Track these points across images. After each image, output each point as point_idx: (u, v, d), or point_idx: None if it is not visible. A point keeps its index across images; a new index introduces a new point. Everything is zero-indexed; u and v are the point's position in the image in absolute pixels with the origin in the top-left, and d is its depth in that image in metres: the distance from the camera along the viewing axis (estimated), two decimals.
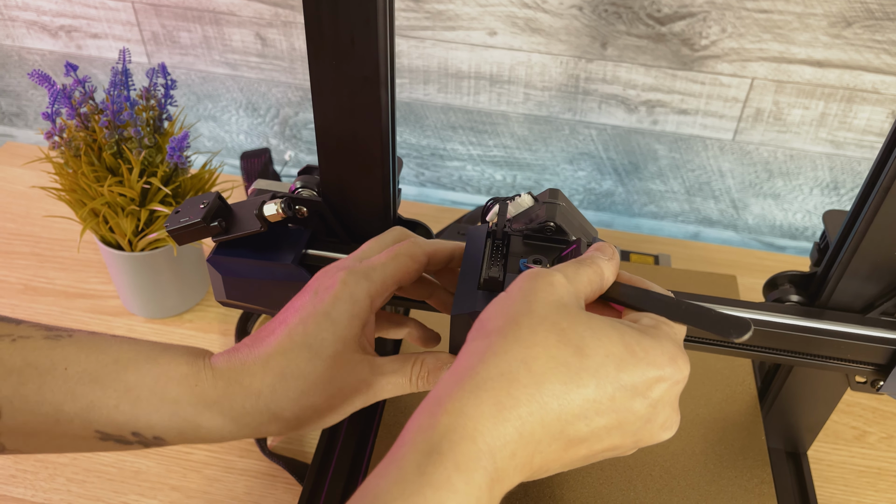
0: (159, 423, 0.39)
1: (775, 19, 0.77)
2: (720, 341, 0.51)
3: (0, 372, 0.37)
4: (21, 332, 0.39)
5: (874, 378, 0.52)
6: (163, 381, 0.39)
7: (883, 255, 0.48)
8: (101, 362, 0.39)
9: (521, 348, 0.33)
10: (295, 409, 0.40)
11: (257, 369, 0.40)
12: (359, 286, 0.42)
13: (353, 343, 0.41)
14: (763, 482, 0.58)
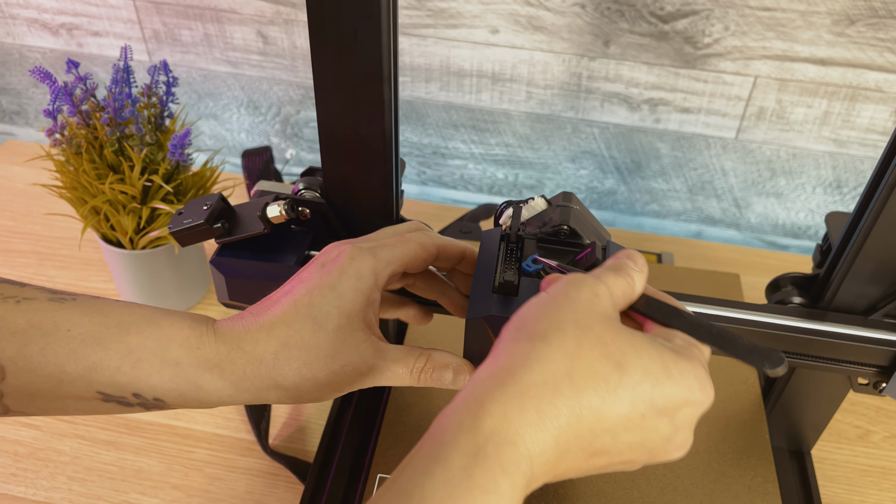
0: (160, 385, 0.39)
1: (778, 17, 0.77)
2: None
3: (4, 333, 0.38)
4: (26, 294, 0.39)
5: (877, 380, 0.52)
6: (164, 342, 0.39)
7: (886, 257, 0.48)
8: (104, 325, 0.39)
9: (565, 358, 0.33)
10: (295, 380, 0.40)
11: (261, 336, 0.40)
12: (365, 262, 0.42)
13: (357, 319, 0.41)
14: (767, 481, 0.58)
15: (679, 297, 0.51)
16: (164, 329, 0.40)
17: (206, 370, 0.40)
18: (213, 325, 0.41)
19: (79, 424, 0.68)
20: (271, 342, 0.40)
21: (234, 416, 0.69)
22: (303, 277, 0.42)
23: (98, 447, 0.66)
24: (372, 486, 0.58)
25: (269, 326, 0.40)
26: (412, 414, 0.62)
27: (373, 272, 0.42)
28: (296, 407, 0.70)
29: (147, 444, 0.67)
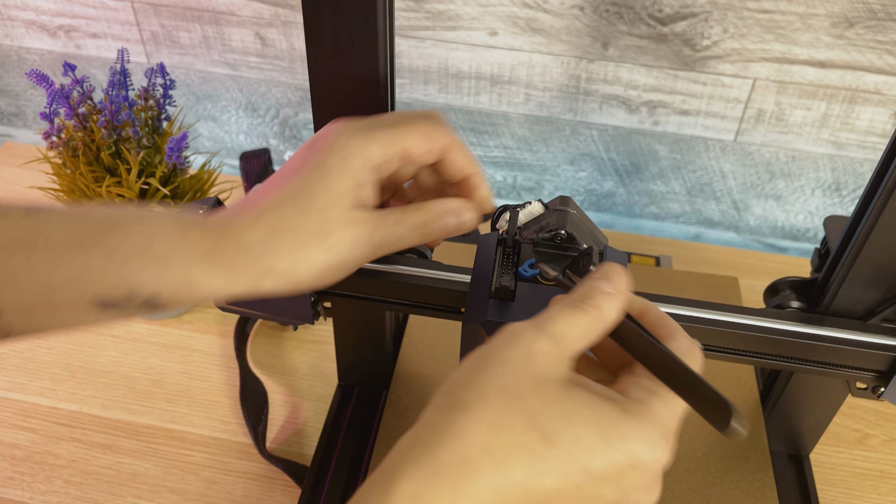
0: (151, 282, 0.38)
1: (777, 20, 0.77)
2: (721, 347, 0.51)
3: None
4: (2, 212, 0.38)
5: (875, 384, 0.51)
6: (148, 237, 0.38)
7: (885, 261, 0.48)
8: (83, 228, 0.37)
9: (485, 432, 0.30)
10: (287, 264, 0.38)
11: (248, 222, 0.39)
12: (354, 140, 0.40)
13: (346, 198, 0.39)
14: (765, 485, 0.58)
15: (677, 302, 0.50)
16: (145, 224, 0.38)
17: (195, 262, 0.38)
18: (200, 219, 0.39)
19: (76, 427, 0.68)
20: (259, 228, 0.38)
21: (232, 419, 0.69)
22: (291, 158, 0.41)
23: (95, 450, 0.66)
24: None
25: (256, 212, 0.39)
26: (409, 417, 0.62)
27: (362, 151, 0.39)
28: (293, 411, 0.70)
29: (144, 448, 0.67)
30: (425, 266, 0.52)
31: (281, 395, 0.72)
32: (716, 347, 0.51)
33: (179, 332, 0.77)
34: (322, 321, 0.77)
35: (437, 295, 0.52)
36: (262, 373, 0.73)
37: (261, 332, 0.77)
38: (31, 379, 0.72)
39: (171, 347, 0.75)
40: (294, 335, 0.77)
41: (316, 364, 0.74)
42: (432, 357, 0.67)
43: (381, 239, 0.40)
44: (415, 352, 0.68)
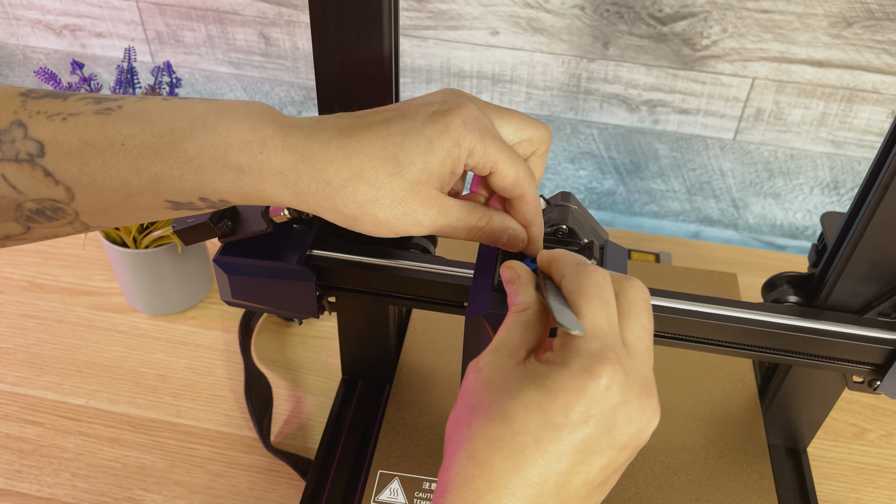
0: (223, 189, 0.38)
1: (776, 19, 0.78)
2: (719, 341, 0.52)
3: (60, 154, 0.37)
4: (70, 108, 0.38)
5: (871, 378, 0.52)
6: (223, 148, 0.37)
7: (880, 256, 0.49)
8: (156, 133, 0.37)
9: (465, 446, 0.34)
10: (356, 211, 0.39)
11: (336, 158, 0.38)
12: (472, 133, 0.39)
13: (435, 179, 0.39)
14: (763, 478, 0.59)
15: (676, 296, 0.51)
16: (220, 133, 0.37)
17: (269, 176, 0.38)
18: (281, 129, 0.38)
19: (82, 422, 0.69)
20: (344, 168, 0.38)
21: (237, 413, 0.70)
22: (407, 112, 0.40)
23: (101, 444, 0.67)
24: (373, 483, 0.58)
25: (348, 151, 0.38)
26: (413, 411, 0.63)
27: (472, 147, 0.39)
28: (297, 405, 0.71)
29: (150, 441, 0.67)
30: (428, 261, 0.53)
31: (285, 390, 0.72)
32: (714, 341, 0.52)
33: (184, 328, 0.78)
34: (326, 316, 0.78)
35: (441, 289, 0.53)
36: (267, 368, 0.74)
37: (265, 327, 0.78)
38: (38, 374, 0.73)
39: (177, 343, 0.76)
40: (298, 331, 0.78)
41: (320, 359, 0.75)
42: (435, 351, 0.68)
43: (441, 226, 0.41)
44: (418, 346, 0.69)
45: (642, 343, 0.36)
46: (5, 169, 0.37)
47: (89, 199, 0.38)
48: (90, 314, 0.79)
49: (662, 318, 0.51)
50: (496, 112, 0.42)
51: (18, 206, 0.38)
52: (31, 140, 0.37)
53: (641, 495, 0.57)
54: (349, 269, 0.53)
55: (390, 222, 0.39)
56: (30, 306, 0.79)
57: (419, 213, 0.39)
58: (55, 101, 0.38)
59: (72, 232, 0.41)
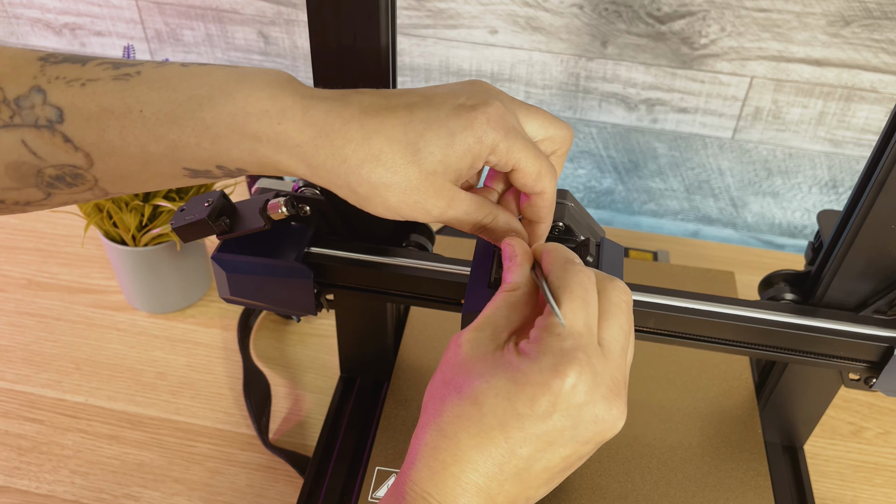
0: (241, 158, 0.38)
1: (774, 18, 0.78)
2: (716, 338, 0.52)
3: (79, 120, 0.37)
4: (88, 74, 0.38)
5: (867, 375, 0.52)
6: (241, 118, 0.37)
7: (876, 254, 0.49)
8: (175, 101, 0.37)
9: (436, 419, 0.36)
10: (368, 192, 0.39)
11: (356, 136, 0.38)
12: (496, 131, 0.39)
13: (451, 172, 0.39)
14: (759, 475, 0.59)
15: (673, 294, 0.52)
16: (238, 102, 0.37)
17: (286, 148, 0.38)
18: (302, 99, 0.38)
19: (81, 419, 0.69)
20: (363, 148, 0.38)
21: (235, 410, 0.70)
22: (432, 100, 0.39)
23: (100, 441, 0.67)
24: (370, 480, 0.58)
25: (369, 131, 0.38)
26: (410, 409, 0.63)
27: (494, 146, 0.39)
28: (296, 402, 0.71)
29: (148, 439, 0.68)
30: (426, 259, 0.54)
31: (283, 388, 0.73)
32: (711, 339, 0.52)
33: (183, 326, 0.78)
34: (324, 315, 0.79)
35: (438, 287, 0.53)
36: (265, 366, 0.74)
37: (263, 325, 0.78)
38: (37, 371, 0.73)
39: (175, 341, 0.76)
40: (296, 329, 0.78)
41: (318, 357, 0.75)
42: (433, 349, 0.68)
43: (448, 217, 0.41)
44: (416, 343, 0.69)
45: (618, 344, 0.37)
46: (25, 135, 0.37)
47: (108, 166, 0.39)
48: (89, 312, 0.79)
49: (659, 316, 0.51)
50: (522, 109, 0.42)
51: (39, 171, 0.39)
52: (50, 106, 0.37)
53: (638, 492, 0.58)
54: (347, 266, 0.53)
55: (400, 207, 0.40)
56: (29, 304, 0.79)
57: (429, 203, 0.40)
58: (74, 66, 0.38)
59: (91, 198, 0.41)
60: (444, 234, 0.83)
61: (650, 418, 0.62)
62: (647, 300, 0.51)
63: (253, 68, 0.39)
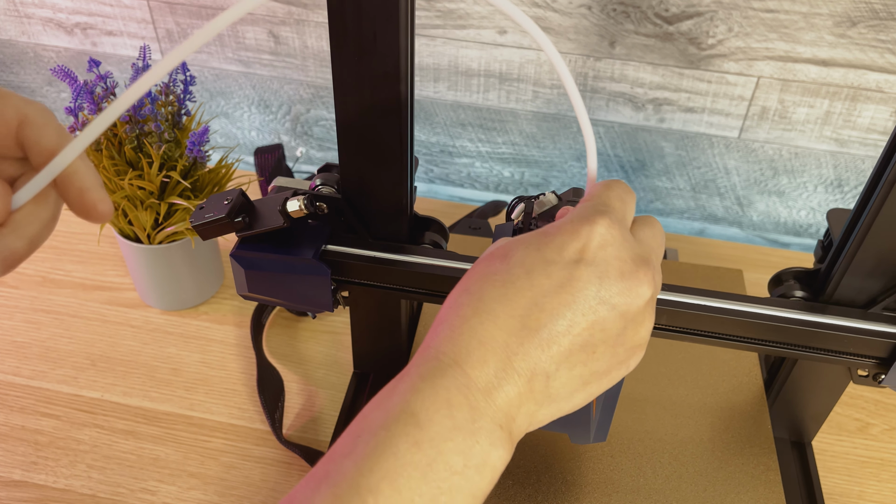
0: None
1: (781, 19, 0.79)
2: (726, 335, 0.53)
3: None
4: None
5: (876, 371, 0.53)
6: None
7: (886, 252, 0.50)
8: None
9: (462, 283, 0.36)
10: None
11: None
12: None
13: None
14: (769, 470, 0.60)
15: (683, 291, 0.52)
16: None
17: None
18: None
19: (97, 414, 0.70)
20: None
21: (249, 406, 0.71)
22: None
23: (116, 436, 0.68)
24: None
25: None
26: None
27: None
28: (309, 398, 0.72)
29: (164, 434, 0.68)
30: (440, 256, 0.54)
31: (297, 384, 0.73)
32: (721, 335, 0.53)
33: (197, 323, 0.79)
34: (337, 311, 0.79)
35: (452, 284, 0.53)
36: (278, 362, 0.75)
37: (276, 322, 0.79)
38: (53, 367, 0.74)
39: (189, 337, 0.77)
40: (309, 325, 0.79)
41: (331, 353, 0.76)
42: None
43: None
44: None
45: (648, 242, 0.38)
46: None
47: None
48: (104, 309, 0.80)
49: (670, 313, 0.52)
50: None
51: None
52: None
53: (650, 486, 0.58)
54: (363, 263, 0.54)
55: None
56: (44, 301, 0.80)
57: None
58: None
59: None
60: (457, 231, 0.84)
61: (661, 414, 0.63)
62: (660, 297, 0.52)
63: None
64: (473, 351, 0.33)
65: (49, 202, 0.34)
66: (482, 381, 0.33)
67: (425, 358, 0.34)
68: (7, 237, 0.31)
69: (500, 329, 0.33)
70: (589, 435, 0.50)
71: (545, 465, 0.60)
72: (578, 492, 0.58)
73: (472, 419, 0.32)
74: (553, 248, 0.34)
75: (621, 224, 0.36)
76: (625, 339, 0.36)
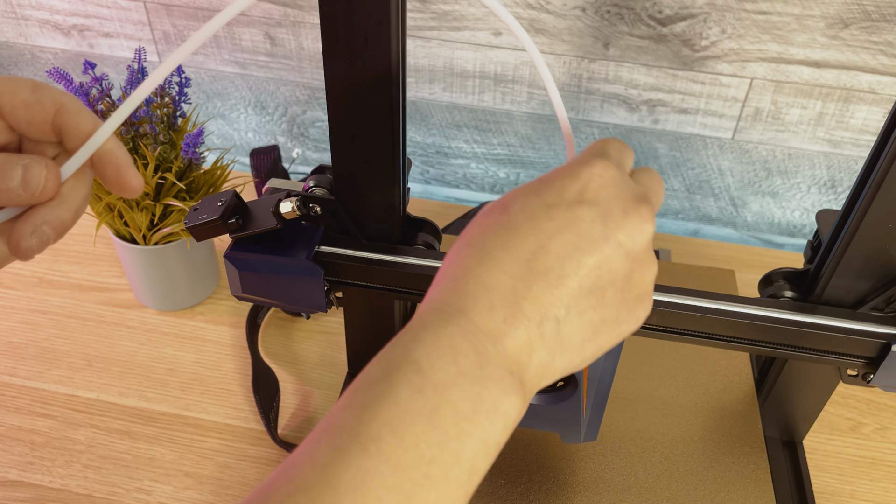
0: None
1: (774, 21, 0.79)
2: (717, 335, 0.53)
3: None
4: None
5: (865, 371, 0.54)
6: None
7: (873, 252, 0.50)
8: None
9: (462, 237, 0.35)
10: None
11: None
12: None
13: None
14: (759, 468, 0.60)
15: (675, 291, 0.53)
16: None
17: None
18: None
19: (93, 414, 0.70)
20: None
21: (244, 406, 0.71)
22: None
23: (112, 436, 0.68)
24: None
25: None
26: None
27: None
28: (304, 398, 0.72)
29: (159, 434, 0.69)
30: (433, 257, 0.55)
31: (292, 384, 0.74)
32: (710, 335, 0.53)
33: (192, 323, 0.79)
34: (332, 312, 0.80)
35: None
36: (273, 362, 0.76)
37: (272, 322, 0.80)
38: (49, 368, 0.74)
39: (185, 338, 0.78)
40: (304, 326, 0.79)
41: (326, 354, 0.77)
42: None
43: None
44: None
45: (647, 185, 0.38)
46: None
47: None
48: (100, 310, 0.80)
49: (662, 313, 0.52)
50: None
51: None
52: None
53: (641, 485, 0.59)
54: (356, 264, 0.55)
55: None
56: (41, 302, 0.80)
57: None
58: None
59: None
60: (451, 232, 0.84)
61: (653, 413, 0.64)
62: None
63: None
64: (480, 298, 0.32)
65: (87, 178, 0.38)
66: (490, 327, 0.32)
67: (427, 310, 0.33)
68: (57, 208, 0.36)
69: (507, 274, 0.32)
70: (579, 434, 0.51)
71: (537, 463, 0.60)
72: (570, 490, 0.58)
73: (480, 365, 0.31)
74: (553, 192, 0.34)
75: (619, 166, 0.36)
76: (632, 283, 0.35)
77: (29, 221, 0.35)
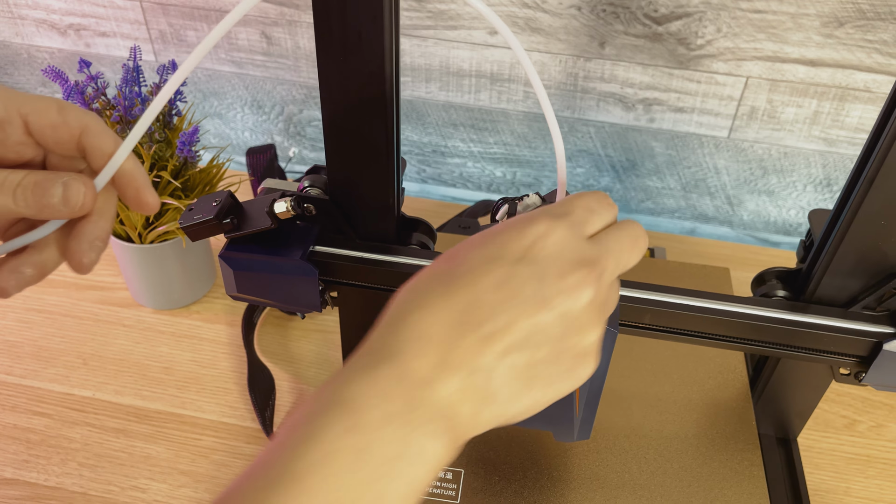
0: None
1: (769, 19, 0.79)
2: (711, 334, 0.53)
3: None
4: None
5: (857, 370, 0.54)
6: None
7: (865, 251, 0.50)
8: None
9: (410, 282, 0.36)
10: None
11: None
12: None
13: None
14: (753, 465, 0.61)
15: (669, 290, 0.53)
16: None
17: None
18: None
19: (89, 413, 0.70)
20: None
21: (240, 405, 0.71)
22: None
23: (107, 434, 0.69)
24: None
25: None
26: None
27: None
28: (299, 397, 0.73)
29: (155, 432, 0.69)
30: (428, 257, 0.55)
31: (287, 382, 0.74)
32: (702, 334, 0.53)
33: (188, 322, 0.79)
34: (328, 310, 0.80)
35: None
36: (269, 361, 0.76)
37: (267, 321, 0.80)
38: (45, 366, 0.74)
39: (181, 336, 0.78)
40: (300, 325, 0.80)
41: (321, 352, 0.77)
42: None
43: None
44: None
45: (609, 246, 0.36)
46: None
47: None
48: (96, 308, 0.80)
49: (655, 312, 0.52)
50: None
51: None
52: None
53: (636, 482, 0.59)
54: (351, 264, 0.55)
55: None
56: (36, 300, 0.81)
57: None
58: None
59: None
60: (446, 231, 0.85)
61: (647, 410, 0.64)
62: (643, 297, 0.53)
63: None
64: (412, 344, 0.33)
65: (114, 191, 0.40)
66: (420, 373, 0.32)
67: (364, 352, 0.34)
68: (100, 221, 0.38)
69: (441, 324, 0.33)
70: (572, 433, 0.51)
71: (531, 460, 0.60)
72: (564, 487, 0.59)
73: (409, 409, 0.32)
74: (497, 246, 0.35)
75: (572, 226, 0.35)
76: (568, 345, 0.35)
77: (84, 238, 0.38)
